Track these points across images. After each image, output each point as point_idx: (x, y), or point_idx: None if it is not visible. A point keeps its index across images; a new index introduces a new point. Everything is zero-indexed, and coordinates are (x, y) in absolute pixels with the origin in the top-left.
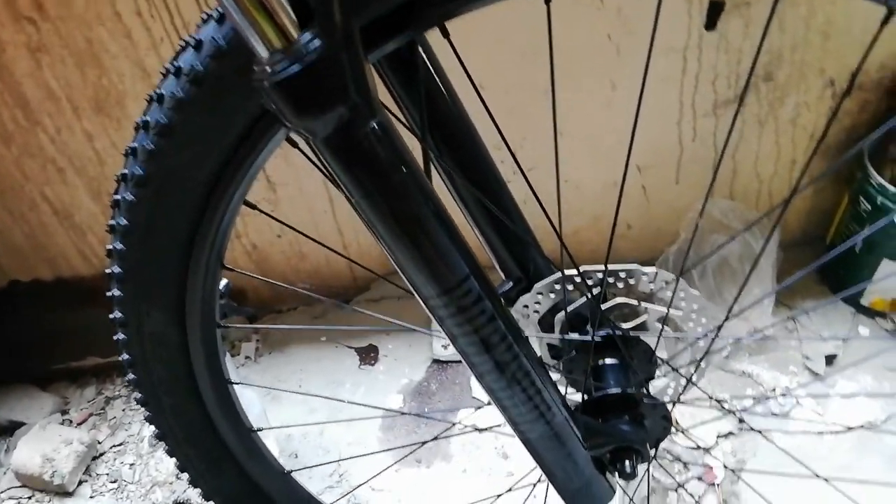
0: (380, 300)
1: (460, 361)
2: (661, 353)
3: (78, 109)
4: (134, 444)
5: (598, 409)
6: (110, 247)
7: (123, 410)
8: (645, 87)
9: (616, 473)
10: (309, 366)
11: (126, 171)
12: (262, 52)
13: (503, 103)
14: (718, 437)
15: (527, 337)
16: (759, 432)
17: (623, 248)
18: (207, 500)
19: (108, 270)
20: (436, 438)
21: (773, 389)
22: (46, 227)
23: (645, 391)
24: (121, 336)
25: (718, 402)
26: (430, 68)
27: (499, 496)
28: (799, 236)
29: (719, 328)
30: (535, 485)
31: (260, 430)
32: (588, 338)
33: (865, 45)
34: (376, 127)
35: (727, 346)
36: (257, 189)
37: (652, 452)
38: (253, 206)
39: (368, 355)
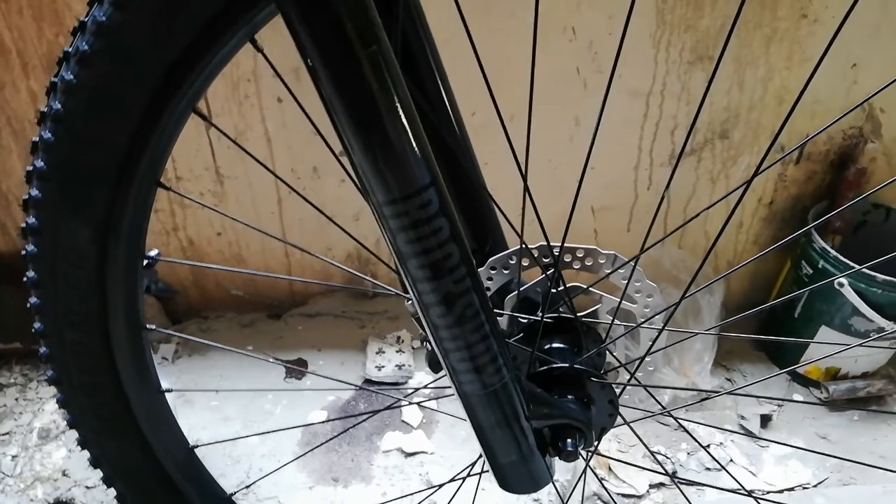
0: (315, 316)
1: (392, 385)
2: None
3: (27, 66)
4: (21, 436)
5: (545, 384)
6: (36, 138)
7: (17, 399)
8: (607, 129)
9: (557, 455)
10: (229, 373)
11: (71, 48)
12: None
13: (469, 123)
14: (650, 486)
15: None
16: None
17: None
18: (96, 466)
19: (28, 168)
20: (388, 408)
21: (708, 445)
22: None
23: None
24: (30, 247)
25: (652, 395)
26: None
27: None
28: (741, 301)
29: (668, 319)
30: (464, 479)
31: (169, 391)
32: (537, 317)
33: (815, 114)
34: None
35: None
36: (204, 180)
37: (595, 444)
38: (202, 116)
39: (296, 369)
